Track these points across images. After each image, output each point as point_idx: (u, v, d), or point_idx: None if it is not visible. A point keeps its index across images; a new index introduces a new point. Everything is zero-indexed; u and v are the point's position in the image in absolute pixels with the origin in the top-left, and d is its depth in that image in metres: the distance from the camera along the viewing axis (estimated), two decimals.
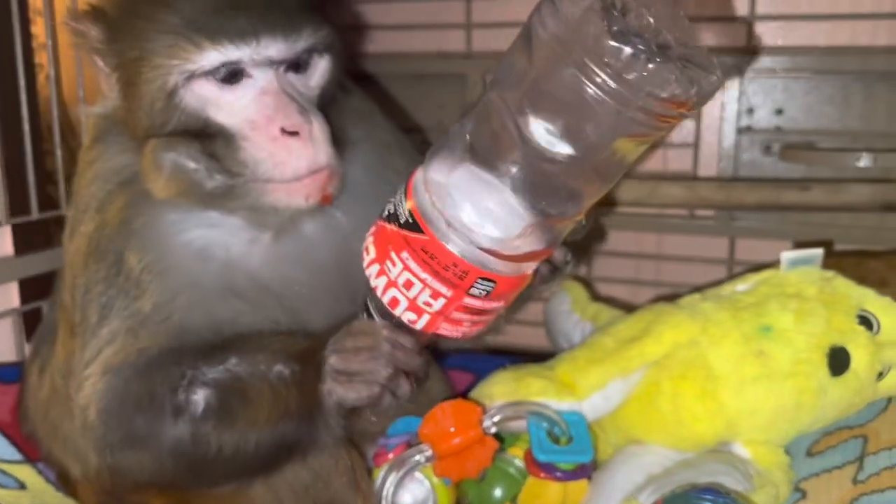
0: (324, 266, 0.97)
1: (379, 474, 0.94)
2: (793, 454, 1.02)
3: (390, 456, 0.96)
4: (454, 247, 0.73)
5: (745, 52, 1.58)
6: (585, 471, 0.98)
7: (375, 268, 0.78)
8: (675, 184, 1.61)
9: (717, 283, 1.15)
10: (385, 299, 0.77)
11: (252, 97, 0.86)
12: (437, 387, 1.15)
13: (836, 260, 1.15)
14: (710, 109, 1.64)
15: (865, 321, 1.02)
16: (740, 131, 1.63)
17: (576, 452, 0.96)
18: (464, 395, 1.03)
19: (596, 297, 1.38)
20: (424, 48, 1.81)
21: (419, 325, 0.76)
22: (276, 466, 0.91)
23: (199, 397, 0.87)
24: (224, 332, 0.91)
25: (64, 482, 1.10)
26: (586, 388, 1.02)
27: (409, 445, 0.95)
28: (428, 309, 0.75)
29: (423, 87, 1.81)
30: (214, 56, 0.84)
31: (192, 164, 0.88)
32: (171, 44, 0.84)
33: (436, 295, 0.74)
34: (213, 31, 0.83)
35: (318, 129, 0.86)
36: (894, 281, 1.28)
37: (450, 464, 0.94)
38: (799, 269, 1.07)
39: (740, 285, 1.09)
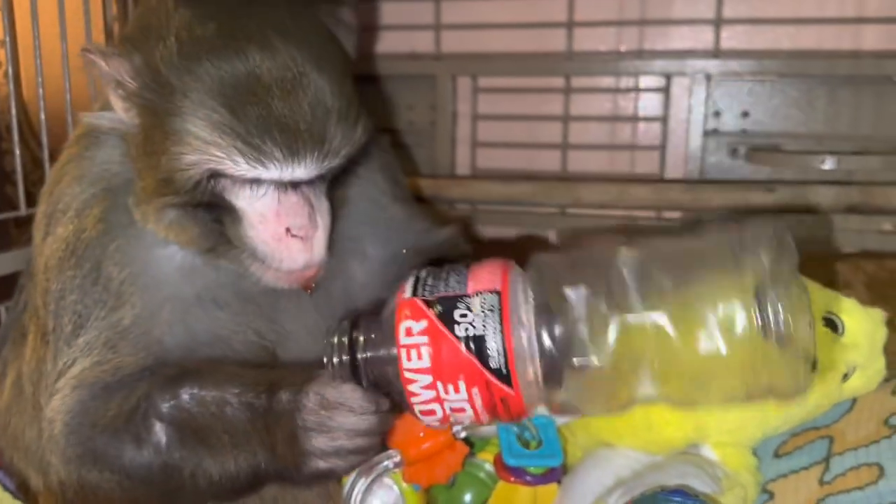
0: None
1: (347, 480, 0.93)
2: (760, 456, 1.03)
3: None
4: (529, 400, 0.77)
5: (712, 56, 1.59)
6: (555, 474, 0.97)
7: (426, 379, 0.78)
8: (643, 186, 1.62)
9: None
10: (420, 408, 0.79)
11: (269, 194, 0.86)
12: None
13: (801, 262, 1.16)
14: (677, 112, 1.66)
15: (830, 323, 1.03)
16: (707, 134, 1.64)
17: (545, 456, 0.96)
18: None
19: None
20: (394, 49, 1.80)
21: (427, 423, 0.81)
22: (252, 492, 0.91)
23: (158, 428, 0.87)
24: (203, 344, 0.91)
25: (24, 492, 1.07)
26: None
27: None
28: (452, 423, 0.81)
29: (393, 87, 1.81)
30: (248, 172, 0.82)
31: (196, 227, 0.88)
32: (208, 142, 0.80)
33: (477, 421, 0.79)
34: (252, 151, 0.80)
35: (321, 232, 0.87)
36: (858, 283, 1.30)
37: (419, 469, 0.93)
38: None
39: None
